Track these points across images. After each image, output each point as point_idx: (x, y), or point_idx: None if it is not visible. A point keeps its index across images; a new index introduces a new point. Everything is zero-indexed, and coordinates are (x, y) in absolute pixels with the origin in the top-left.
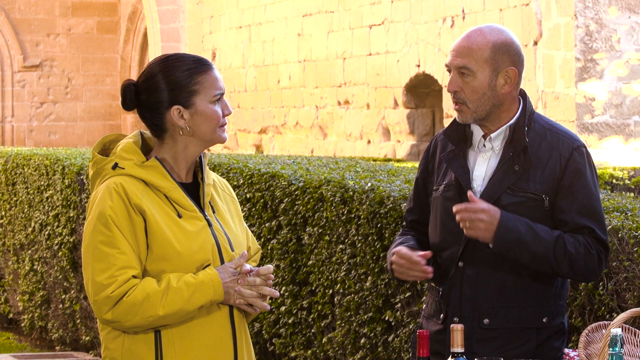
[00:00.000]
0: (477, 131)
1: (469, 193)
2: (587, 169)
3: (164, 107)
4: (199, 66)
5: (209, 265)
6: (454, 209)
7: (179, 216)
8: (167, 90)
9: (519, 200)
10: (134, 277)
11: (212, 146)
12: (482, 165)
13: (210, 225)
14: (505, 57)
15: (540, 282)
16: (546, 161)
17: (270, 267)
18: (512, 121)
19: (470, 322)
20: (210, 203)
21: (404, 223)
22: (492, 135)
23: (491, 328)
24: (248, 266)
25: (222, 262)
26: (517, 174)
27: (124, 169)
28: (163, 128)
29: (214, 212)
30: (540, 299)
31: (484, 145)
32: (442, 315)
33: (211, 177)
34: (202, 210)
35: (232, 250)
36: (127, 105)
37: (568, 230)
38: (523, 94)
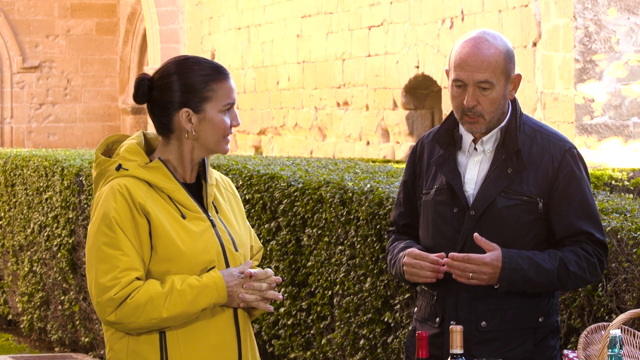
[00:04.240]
0: (466, 134)
1: (476, 235)
2: (579, 171)
3: (174, 107)
4: (216, 73)
5: (213, 267)
6: (449, 256)
7: (183, 217)
8: (179, 92)
9: (513, 203)
10: (138, 279)
11: (213, 154)
12: (474, 169)
13: (214, 225)
14: (512, 64)
15: None
16: (538, 163)
17: (277, 279)
18: (503, 124)
19: (467, 325)
20: (213, 203)
21: (392, 228)
22: (484, 138)
23: (489, 330)
24: (253, 271)
25: (227, 262)
26: (510, 176)
27: (127, 170)
28: (170, 128)
29: (217, 212)
30: (535, 298)
31: (475, 148)
32: (438, 319)
33: (214, 177)
34: (205, 211)
35: (237, 250)
36: (138, 98)
37: (566, 235)
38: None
